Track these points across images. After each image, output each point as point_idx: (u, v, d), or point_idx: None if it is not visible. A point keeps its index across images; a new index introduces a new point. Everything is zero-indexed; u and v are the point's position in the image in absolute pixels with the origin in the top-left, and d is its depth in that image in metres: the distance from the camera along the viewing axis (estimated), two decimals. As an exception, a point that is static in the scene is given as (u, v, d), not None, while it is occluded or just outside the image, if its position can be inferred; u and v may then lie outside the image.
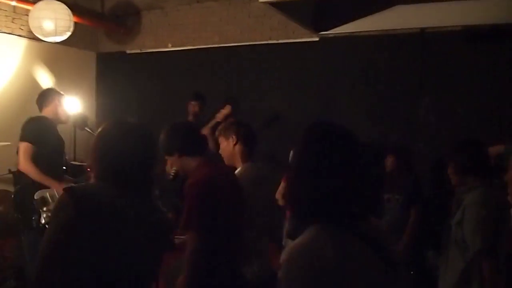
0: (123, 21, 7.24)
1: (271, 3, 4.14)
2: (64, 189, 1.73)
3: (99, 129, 1.90)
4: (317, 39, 5.79)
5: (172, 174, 2.82)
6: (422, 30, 5.16)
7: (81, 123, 4.88)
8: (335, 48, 5.69)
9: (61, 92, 4.22)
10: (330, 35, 5.68)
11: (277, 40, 6.10)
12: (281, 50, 6.08)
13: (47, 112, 4.06)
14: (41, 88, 6.30)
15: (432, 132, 5.13)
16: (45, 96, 4.12)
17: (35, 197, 3.68)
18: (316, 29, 5.47)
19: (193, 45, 6.69)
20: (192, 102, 5.68)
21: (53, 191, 3.73)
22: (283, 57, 6.07)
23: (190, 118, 5.69)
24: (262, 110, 6.12)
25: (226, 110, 5.39)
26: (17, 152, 3.83)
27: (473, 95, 4.98)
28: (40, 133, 3.85)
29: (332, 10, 4.91)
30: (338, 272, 1.23)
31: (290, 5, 4.19)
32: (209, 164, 2.56)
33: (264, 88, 6.18)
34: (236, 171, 3.02)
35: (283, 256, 1.29)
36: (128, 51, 7.24)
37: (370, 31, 5.32)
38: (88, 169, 4.15)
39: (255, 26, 6.27)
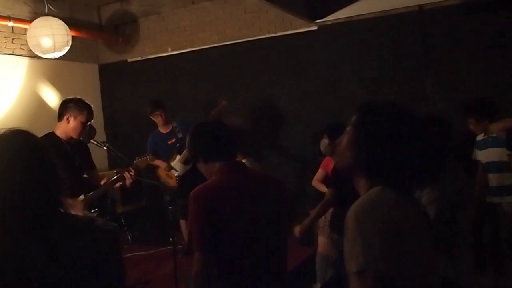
0: (122, 30, 7.27)
1: (263, -3, 4.09)
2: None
3: None
4: (315, 27, 5.75)
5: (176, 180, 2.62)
6: (420, 7, 5.09)
7: (87, 136, 4.84)
8: (334, 35, 5.64)
9: (81, 104, 3.79)
10: (328, 22, 5.64)
11: (276, 33, 6.07)
12: (281, 42, 6.04)
13: (58, 127, 3.78)
14: (47, 105, 6.38)
15: (438, 109, 5.06)
16: (59, 109, 3.81)
17: None
18: (313, 18, 5.43)
19: (193, 47, 6.69)
20: (155, 112, 5.56)
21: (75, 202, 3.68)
22: (284, 50, 6.04)
23: (161, 127, 5.65)
24: (267, 105, 6.12)
25: (221, 106, 5.31)
26: None
27: (475, 69, 4.90)
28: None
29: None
30: (400, 229, 1.34)
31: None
32: (226, 171, 2.19)
33: (266, 83, 6.16)
34: None
35: (351, 213, 1.35)
36: (129, 60, 7.26)
37: (368, 13, 5.27)
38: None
39: (252, 22, 6.25)
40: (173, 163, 5.53)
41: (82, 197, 3.71)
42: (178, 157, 5.49)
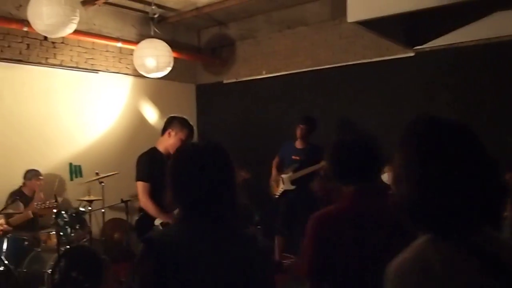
0: (219, 52, 7.56)
1: (360, 22, 4.08)
2: (143, 240, 1.61)
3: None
4: (412, 54, 5.63)
5: (278, 194, 2.47)
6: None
7: None
8: (432, 62, 5.49)
9: (184, 122, 3.96)
10: (426, 49, 5.50)
11: (371, 58, 6.02)
12: (376, 68, 5.98)
13: (160, 142, 3.98)
14: (147, 121, 6.76)
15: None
16: (164, 124, 4.00)
17: (155, 223, 3.80)
18: (410, 44, 5.31)
19: (287, 71, 6.80)
20: (301, 126, 5.75)
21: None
22: (378, 75, 5.97)
23: (298, 141, 5.78)
24: (360, 130, 6.03)
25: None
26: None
27: None
28: (150, 170, 3.80)
29: (426, 23, 4.73)
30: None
31: (380, 22, 4.08)
32: (356, 195, 2.01)
33: (360, 108, 6.09)
34: None
35: (391, 269, 1.17)
36: (225, 81, 7.51)
37: (469, 41, 5.08)
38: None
39: (346, 47, 6.25)
40: (283, 176, 5.78)
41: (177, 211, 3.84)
42: (291, 174, 5.72)
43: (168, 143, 3.91)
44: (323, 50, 6.48)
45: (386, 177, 4.02)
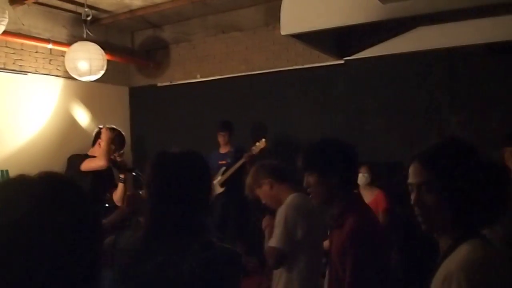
0: (153, 55, 7.51)
1: (293, 35, 4.25)
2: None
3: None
4: (342, 61, 5.88)
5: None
6: (448, 50, 5.20)
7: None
8: (361, 70, 5.77)
9: (111, 132, 4.14)
10: (355, 58, 5.77)
11: (303, 65, 6.23)
12: (308, 74, 6.19)
13: (92, 152, 4.19)
14: (78, 124, 6.61)
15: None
16: (93, 140, 4.23)
17: None
18: (340, 56, 5.56)
19: (221, 75, 6.88)
20: (222, 133, 5.89)
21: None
22: (310, 82, 6.18)
23: (222, 147, 5.89)
24: (291, 136, 6.22)
25: (262, 144, 5.54)
26: None
27: (501, 110, 4.97)
28: (73, 173, 3.96)
29: (355, 36, 5.00)
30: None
31: (311, 35, 4.27)
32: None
33: (292, 114, 6.28)
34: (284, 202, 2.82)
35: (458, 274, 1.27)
36: (159, 84, 7.48)
37: (396, 53, 5.38)
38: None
39: (280, 53, 6.42)
40: (214, 182, 5.78)
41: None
42: (220, 177, 5.79)
43: (99, 152, 4.08)
44: (257, 55, 6.62)
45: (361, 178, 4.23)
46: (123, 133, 4.30)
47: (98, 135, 4.18)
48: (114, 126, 4.26)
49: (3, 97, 5.81)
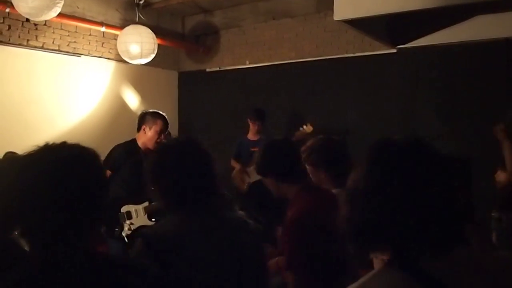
0: (203, 40, 7.53)
1: (345, 21, 4.14)
2: (141, 236, 1.72)
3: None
4: (394, 50, 5.71)
5: (246, 186, 2.72)
6: (507, 40, 4.95)
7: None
8: (414, 59, 5.59)
9: (156, 115, 4.14)
10: (408, 47, 5.59)
11: (354, 53, 6.09)
12: (358, 63, 6.05)
13: (138, 138, 4.15)
14: (128, 107, 6.73)
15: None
16: (139, 120, 4.19)
17: (121, 211, 3.91)
18: (393, 43, 5.40)
19: (270, 62, 6.82)
20: (257, 122, 5.92)
21: (139, 206, 3.95)
22: (360, 70, 6.04)
23: (252, 135, 5.93)
24: (339, 125, 6.11)
25: (308, 129, 5.46)
26: None
27: None
28: (115, 161, 3.99)
29: (409, 24, 4.82)
30: None
31: (365, 21, 4.15)
32: (309, 192, 2.39)
33: (341, 102, 6.17)
34: None
35: None
36: (207, 69, 7.50)
37: (451, 42, 5.18)
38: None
39: (330, 40, 6.30)
40: (248, 169, 5.78)
41: (146, 203, 3.96)
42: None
43: (145, 138, 4.08)
44: (307, 42, 6.52)
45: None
46: (166, 117, 4.24)
47: (142, 120, 4.15)
48: (159, 111, 4.22)
49: (57, 78, 5.96)
